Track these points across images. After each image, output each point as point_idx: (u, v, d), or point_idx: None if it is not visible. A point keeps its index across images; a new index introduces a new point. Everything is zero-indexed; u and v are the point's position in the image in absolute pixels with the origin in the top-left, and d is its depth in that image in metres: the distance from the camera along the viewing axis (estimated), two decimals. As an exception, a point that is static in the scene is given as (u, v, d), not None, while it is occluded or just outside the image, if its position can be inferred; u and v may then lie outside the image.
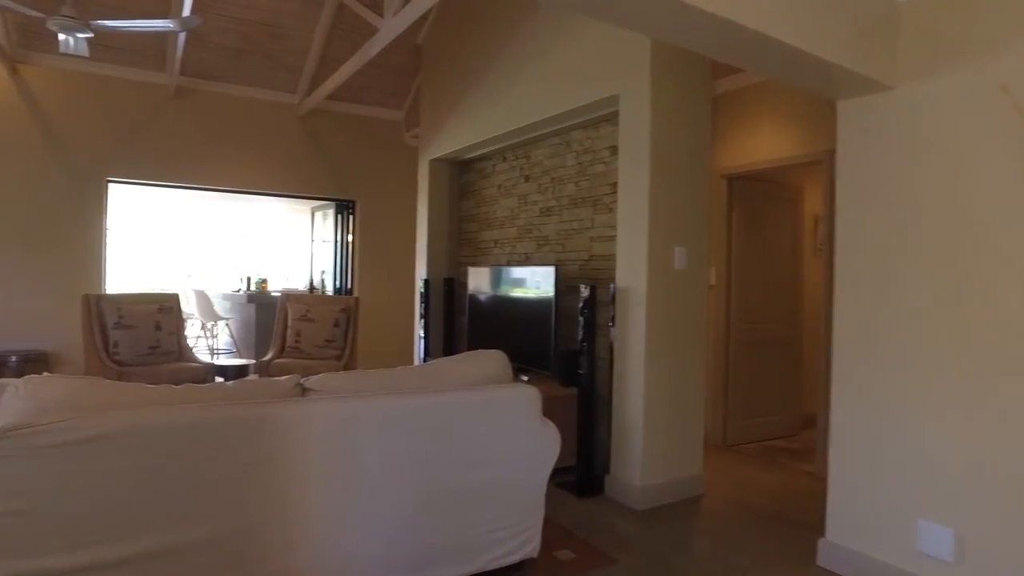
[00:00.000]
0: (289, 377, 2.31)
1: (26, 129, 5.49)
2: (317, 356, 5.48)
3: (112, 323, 4.84)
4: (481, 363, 2.66)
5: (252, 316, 7.60)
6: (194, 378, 4.84)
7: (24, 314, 5.47)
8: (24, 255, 5.48)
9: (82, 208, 5.68)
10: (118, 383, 2.08)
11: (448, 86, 5.72)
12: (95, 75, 5.70)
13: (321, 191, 6.83)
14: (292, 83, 6.40)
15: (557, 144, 4.69)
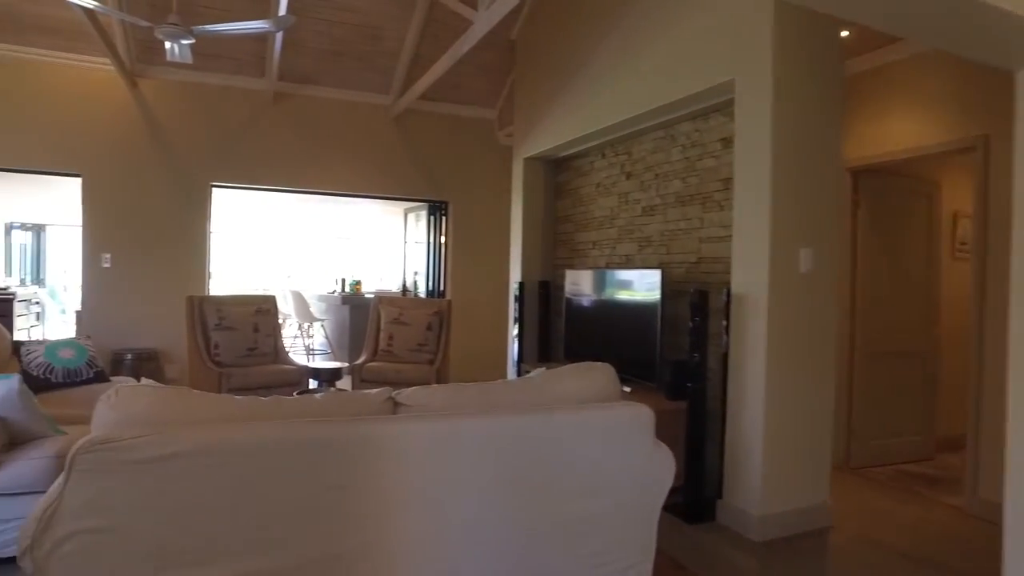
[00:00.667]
0: (380, 391, 2.14)
1: (141, 139, 5.71)
2: (409, 360, 5.39)
3: (213, 324, 4.92)
4: (588, 378, 2.41)
5: (346, 318, 7.66)
6: (289, 381, 4.85)
7: (138, 314, 5.69)
8: (139, 258, 5.70)
9: (188, 212, 5.86)
10: (204, 395, 1.97)
11: (543, 81, 5.50)
12: (201, 84, 5.87)
13: (414, 192, 6.78)
14: (385, 84, 6.37)
15: (661, 138, 4.37)
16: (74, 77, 5.51)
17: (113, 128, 5.63)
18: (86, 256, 5.60)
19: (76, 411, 3.58)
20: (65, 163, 5.53)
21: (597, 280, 4.65)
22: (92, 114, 5.56)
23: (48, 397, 3.75)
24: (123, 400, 1.84)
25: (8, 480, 2.58)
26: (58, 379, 3.87)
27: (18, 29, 5.20)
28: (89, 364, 4.00)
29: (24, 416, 2.67)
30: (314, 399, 2.09)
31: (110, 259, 5.62)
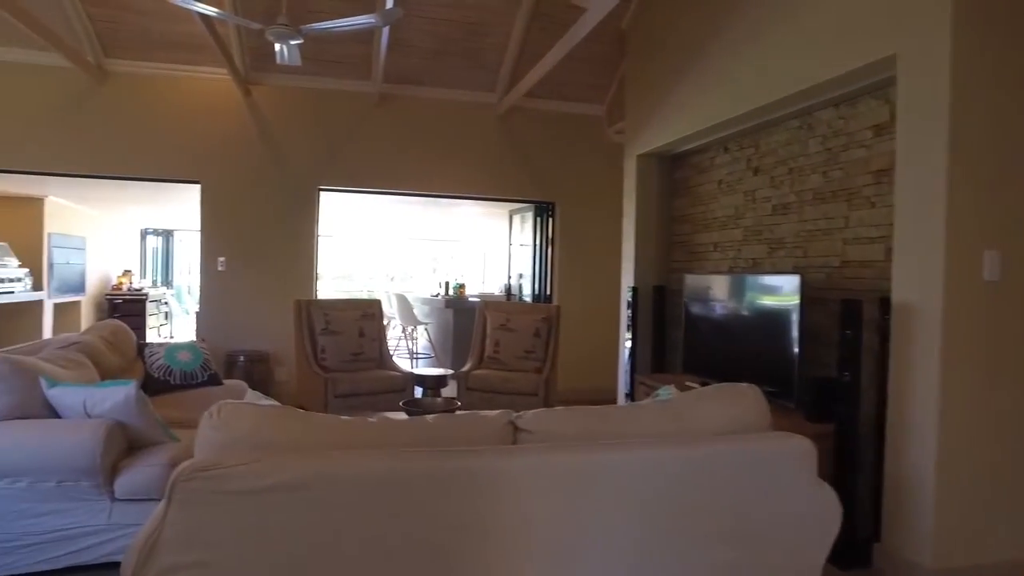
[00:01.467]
0: (499, 414, 1.91)
1: (254, 145, 5.83)
2: (516, 368, 5.18)
3: (320, 328, 4.91)
4: (733, 402, 2.08)
5: (450, 321, 7.58)
6: (394, 387, 4.76)
7: (249, 316, 5.81)
8: (250, 261, 5.82)
9: (296, 216, 5.92)
10: (309, 416, 1.80)
11: (658, 72, 5.14)
12: (309, 89, 5.92)
13: (520, 193, 6.58)
14: (490, 82, 6.21)
15: (796, 128, 3.92)
16: (194, 89, 5.70)
17: (228, 136, 5.77)
18: (204, 259, 5.78)
19: (190, 415, 3.61)
20: (186, 171, 5.72)
21: (723, 286, 4.24)
22: (210, 123, 5.73)
23: (166, 399, 3.80)
24: (225, 420, 1.70)
25: (126, 486, 2.56)
26: (176, 381, 3.92)
27: (148, 47, 5.43)
28: (204, 367, 4.04)
29: (141, 422, 2.64)
30: (426, 422, 1.88)
31: (224, 262, 5.76)
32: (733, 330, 4.06)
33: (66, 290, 8.18)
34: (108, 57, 5.50)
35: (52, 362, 2.94)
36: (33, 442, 2.46)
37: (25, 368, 2.57)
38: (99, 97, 5.54)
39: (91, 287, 8.93)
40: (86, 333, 3.69)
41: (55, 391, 2.58)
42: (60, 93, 5.48)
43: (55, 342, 3.44)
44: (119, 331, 3.89)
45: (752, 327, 3.86)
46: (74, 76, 5.43)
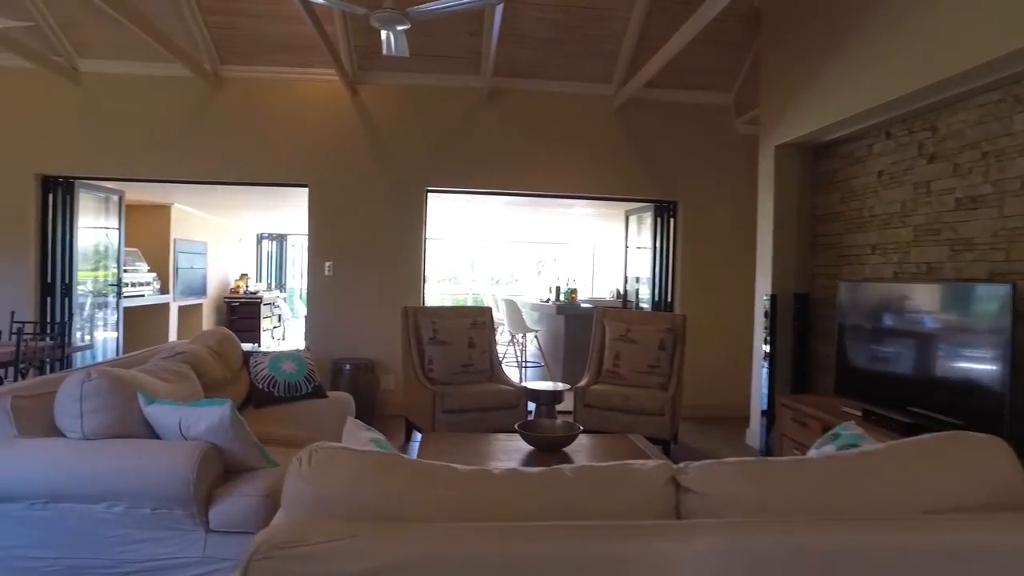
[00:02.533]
0: (657, 467, 1.47)
1: (361, 146, 5.68)
2: (638, 383, 4.69)
3: (427, 338, 4.64)
4: (969, 460, 1.53)
5: (561, 328, 7.17)
6: (506, 403, 4.40)
7: (355, 322, 5.66)
8: (357, 266, 5.67)
9: (404, 219, 5.72)
10: (418, 466, 1.44)
11: (799, 51, 4.51)
12: (416, 86, 5.70)
13: (638, 192, 6.08)
14: (606, 72, 5.75)
15: (996, 102, 3.22)
16: (303, 91, 5.62)
17: (335, 138, 5.65)
18: (311, 264, 5.69)
19: (292, 431, 3.41)
20: (295, 175, 5.65)
21: (894, 296, 3.58)
22: (318, 126, 5.64)
23: (270, 412, 3.63)
24: (318, 471, 1.36)
25: (221, 517, 2.32)
26: (280, 393, 3.74)
27: (260, 51, 5.40)
28: (308, 378, 3.85)
29: (237, 445, 2.41)
30: (562, 478, 1.47)
31: (331, 267, 5.64)
32: (907, 348, 3.40)
33: (189, 293, 8.48)
34: (223, 64, 5.52)
35: (154, 374, 2.78)
36: (129, 464, 2.27)
37: (124, 384, 2.40)
38: (215, 104, 5.57)
39: (211, 290, 9.24)
40: (193, 342, 3.57)
41: (152, 409, 2.39)
42: (181, 102, 5.55)
43: (162, 351, 3.32)
44: (226, 340, 3.76)
45: (934, 346, 3.19)
46: (193, 85, 5.48)
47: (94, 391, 2.31)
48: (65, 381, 2.35)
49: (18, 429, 2.34)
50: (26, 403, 2.40)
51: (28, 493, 2.27)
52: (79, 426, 2.31)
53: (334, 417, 3.69)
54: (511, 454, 3.22)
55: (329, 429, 3.50)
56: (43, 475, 2.26)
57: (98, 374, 2.34)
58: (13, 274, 5.44)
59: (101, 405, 2.32)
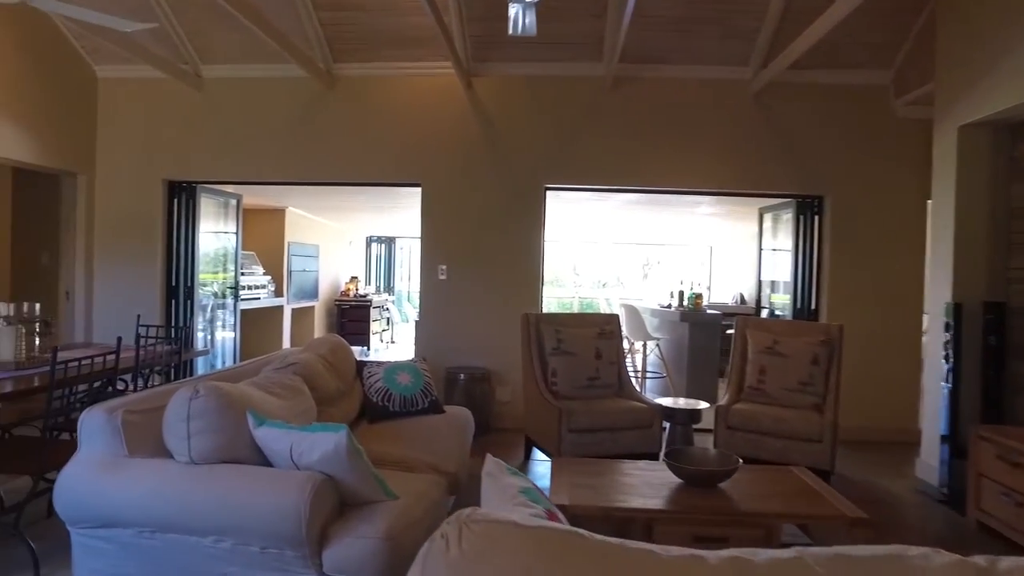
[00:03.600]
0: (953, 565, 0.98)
1: (475, 142, 5.38)
2: (788, 403, 4.09)
3: (551, 348, 4.24)
4: None
5: (684, 337, 6.59)
6: (639, 422, 3.94)
7: (470, 329, 5.37)
8: (472, 269, 5.37)
9: (522, 219, 5.36)
10: (608, 546, 1.02)
11: (994, 8, 3.76)
12: (534, 76, 5.34)
13: (776, 186, 5.43)
14: (743, 54, 5.16)
15: None
16: (416, 86, 5.39)
17: (449, 134, 5.38)
18: (424, 267, 5.44)
19: (409, 452, 3.10)
20: (408, 173, 5.43)
21: None
22: (431, 121, 5.39)
23: (385, 428, 3.35)
24: (474, 558, 0.97)
25: (336, 560, 2.01)
26: (395, 407, 3.46)
27: (373, 46, 5.22)
28: (424, 392, 3.55)
29: (353, 477, 2.10)
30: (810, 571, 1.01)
31: (446, 270, 5.37)
32: None
33: (302, 296, 8.54)
34: (336, 62, 5.38)
35: (266, 388, 2.53)
36: (236, 494, 2.01)
37: (233, 402, 2.14)
38: (328, 104, 5.45)
39: (323, 293, 9.31)
40: (305, 350, 3.35)
41: (262, 432, 2.12)
42: (295, 104, 5.47)
43: (273, 361, 3.11)
44: (339, 349, 3.52)
45: None
46: (306, 85, 5.38)
47: (201, 410, 2.07)
48: (173, 397, 2.12)
49: (128, 448, 2.14)
50: (137, 419, 2.20)
51: (137, 520, 2.06)
52: (186, 448, 2.07)
53: (453, 435, 3.37)
54: (656, 488, 2.76)
55: (449, 450, 3.18)
56: (151, 501, 2.04)
57: (206, 391, 2.09)
58: (143, 277, 5.54)
59: (208, 426, 2.07)
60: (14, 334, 3.12)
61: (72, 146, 5.40)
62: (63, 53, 5.31)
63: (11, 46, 4.81)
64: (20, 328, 3.13)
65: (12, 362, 3.09)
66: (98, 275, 5.61)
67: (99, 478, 2.08)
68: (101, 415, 2.14)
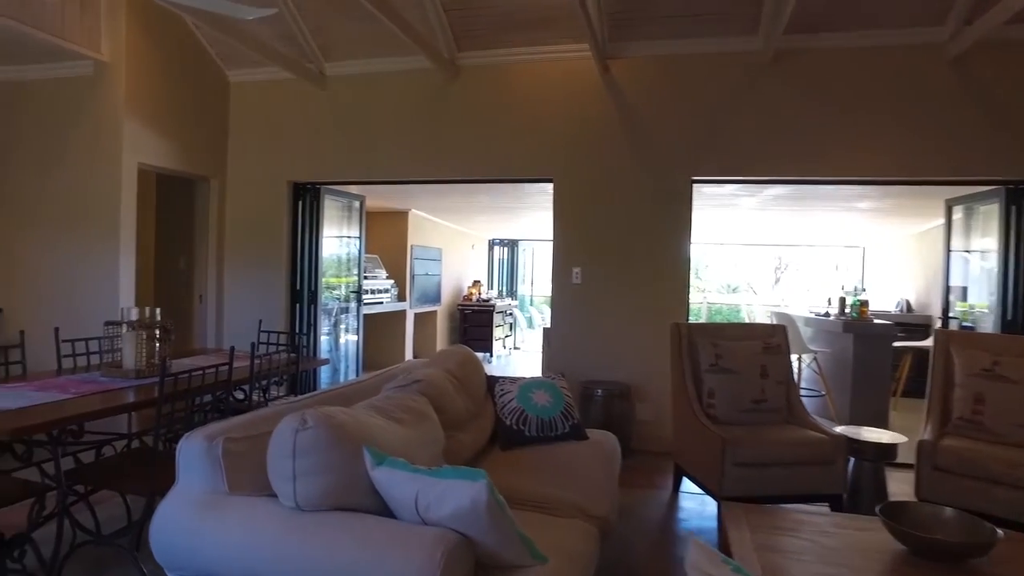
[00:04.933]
0: None
1: (613, 132, 4.85)
2: (1014, 440, 3.24)
3: (707, 364, 3.63)
4: None
5: (848, 350, 5.70)
6: (819, 457, 3.24)
7: (609, 340, 4.83)
8: (609, 272, 4.84)
9: (665, 216, 4.76)
10: None
11: None
12: (679, 56, 4.73)
13: (980, 171, 4.49)
14: (939, 9, 4.28)
15: None
16: (546, 73, 4.94)
17: (583, 124, 4.88)
18: (555, 270, 4.97)
19: (552, 489, 2.62)
20: (538, 169, 4.98)
21: None
22: (563, 111, 4.91)
23: (520, 456, 2.89)
24: None
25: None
26: (532, 431, 3.00)
27: (499, 31, 4.83)
28: (564, 414, 3.06)
29: (494, 537, 1.63)
30: None
31: (580, 274, 4.87)
32: None
33: (425, 300, 8.35)
34: (460, 51, 5.03)
35: (386, 413, 2.14)
36: (348, 552, 1.60)
37: (348, 436, 1.75)
38: (452, 96, 5.12)
39: (445, 297, 9.09)
40: (431, 364, 2.96)
41: (382, 472, 1.71)
42: (417, 98, 5.20)
43: (396, 376, 2.73)
44: (467, 362, 3.10)
45: None
46: (429, 78, 5.10)
47: (310, 445, 1.68)
48: (278, 428, 1.75)
49: (229, 483, 1.80)
50: (240, 447, 1.85)
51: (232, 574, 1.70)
52: (291, 491, 1.69)
53: (599, 467, 2.85)
54: (871, 559, 2.11)
55: (596, 487, 2.66)
56: (248, 553, 1.67)
57: (315, 422, 1.71)
58: (268, 281, 5.47)
59: (318, 465, 1.69)
60: (135, 340, 2.95)
61: (208, 151, 5.42)
62: (200, 61, 5.33)
63: (158, 59, 4.88)
64: (141, 334, 2.96)
65: (133, 370, 2.93)
66: (227, 279, 5.61)
67: (195, 519, 1.75)
68: (200, 443, 1.81)
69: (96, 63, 4.66)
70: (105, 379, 2.89)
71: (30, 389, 2.63)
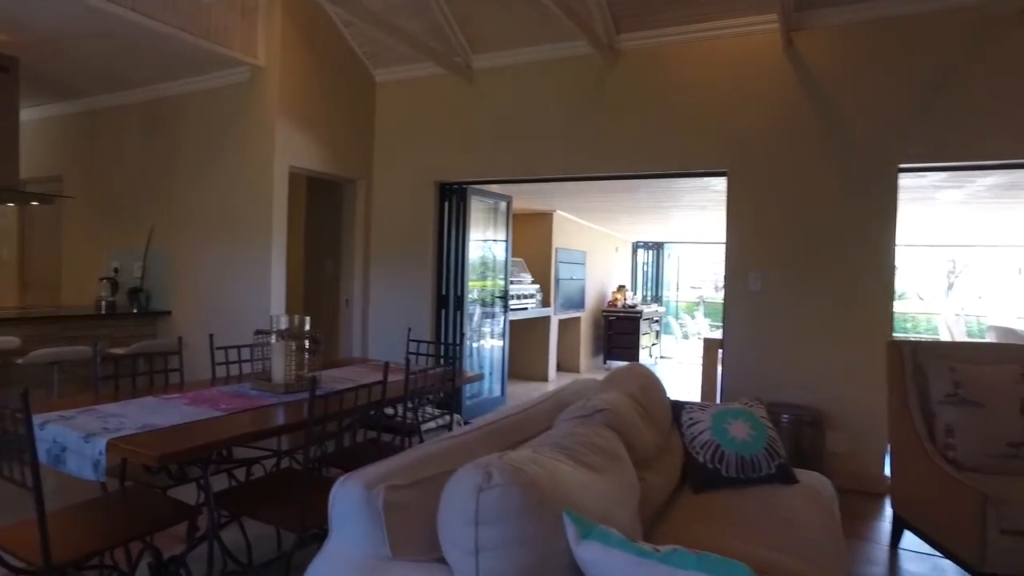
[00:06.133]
0: None
1: (798, 116, 4.17)
2: None
3: (942, 394, 2.90)
4: None
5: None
6: None
7: (794, 356, 4.16)
8: (796, 279, 4.16)
9: (863, 212, 4.02)
10: None
11: None
12: (878, 20, 3.97)
13: None
14: None
15: None
16: (718, 52, 4.35)
17: (762, 108, 4.24)
18: (729, 275, 4.36)
19: (767, 551, 2.08)
20: (710, 160, 4.40)
21: None
22: (737, 95, 4.30)
23: (717, 501, 2.37)
24: None
25: None
26: (730, 472, 2.47)
27: (665, 5, 4.30)
28: (769, 452, 2.50)
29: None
30: None
31: (759, 280, 4.22)
32: None
33: (569, 306, 7.94)
34: (620, 32, 4.56)
35: (575, 457, 1.71)
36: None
37: (546, 499, 1.33)
38: (610, 85, 4.66)
39: (589, 303, 8.63)
40: (608, 388, 2.51)
41: (589, 549, 1.28)
42: (572, 88, 4.79)
43: (571, 404, 2.30)
44: (650, 385, 2.62)
45: None
46: (584, 65, 4.68)
47: (498, 510, 1.28)
48: (455, 480, 1.36)
49: (392, 546, 1.43)
50: (404, 498, 1.49)
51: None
52: (473, 568, 1.30)
53: (818, 520, 2.27)
54: None
55: (822, 549, 2.09)
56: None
57: (503, 478, 1.30)
58: (414, 286, 5.29)
59: (508, 537, 1.28)
60: (284, 351, 2.74)
61: (355, 152, 5.33)
62: (349, 61, 5.25)
63: (310, 61, 4.86)
64: (290, 345, 2.75)
65: (282, 384, 2.72)
66: (373, 284, 5.48)
67: (353, 589, 1.41)
68: (357, 492, 1.47)
69: (253, 68, 4.67)
70: (255, 392, 2.70)
71: (183, 402, 2.47)
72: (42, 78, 5.18)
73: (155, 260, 5.20)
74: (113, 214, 5.54)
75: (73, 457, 1.93)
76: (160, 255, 5.19)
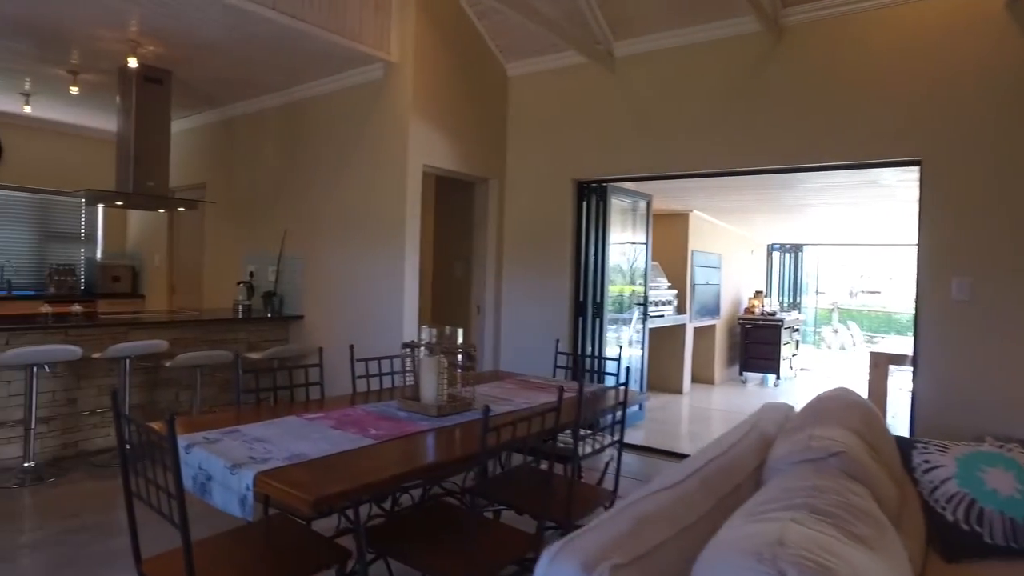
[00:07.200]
0: None
1: (1018, 92, 3.46)
2: None
3: None
4: None
5: None
6: None
7: (1014, 378, 3.46)
8: (1016, 285, 3.46)
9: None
10: None
11: None
12: None
13: None
14: None
15: None
16: (906, 21, 3.71)
17: (969, 83, 3.56)
18: (924, 280, 3.70)
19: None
20: (898, 147, 3.76)
21: None
22: (935, 70, 3.64)
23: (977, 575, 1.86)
24: None
25: None
26: (995, 538, 1.96)
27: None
28: (1042, 511, 1.93)
29: None
30: None
31: (967, 287, 3.55)
32: None
33: (704, 313, 7.37)
34: (785, 6, 4.02)
35: (839, 524, 1.28)
36: None
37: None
38: (772, 65, 4.12)
39: (724, 309, 7.99)
40: (822, 421, 2.02)
41: None
42: (727, 72, 4.28)
43: (771, 436, 1.87)
44: (871, 417, 2.12)
45: None
46: (741, 47, 4.18)
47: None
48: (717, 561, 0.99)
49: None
50: (625, 573, 1.13)
51: None
52: None
53: None
54: None
55: None
56: None
57: (797, 569, 0.91)
58: (550, 291, 4.96)
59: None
60: (436, 368, 2.46)
61: (488, 150, 5.09)
62: (482, 55, 5.02)
63: (442, 57, 4.67)
64: (442, 361, 2.47)
65: (434, 405, 2.43)
66: (505, 289, 5.21)
67: None
68: (573, 572, 1.12)
69: (386, 65, 4.52)
70: (403, 415, 2.43)
71: (328, 424, 2.24)
72: (190, 90, 5.31)
73: (288, 264, 5.19)
74: (250, 218, 5.61)
75: (219, 488, 1.72)
76: (293, 259, 5.16)
